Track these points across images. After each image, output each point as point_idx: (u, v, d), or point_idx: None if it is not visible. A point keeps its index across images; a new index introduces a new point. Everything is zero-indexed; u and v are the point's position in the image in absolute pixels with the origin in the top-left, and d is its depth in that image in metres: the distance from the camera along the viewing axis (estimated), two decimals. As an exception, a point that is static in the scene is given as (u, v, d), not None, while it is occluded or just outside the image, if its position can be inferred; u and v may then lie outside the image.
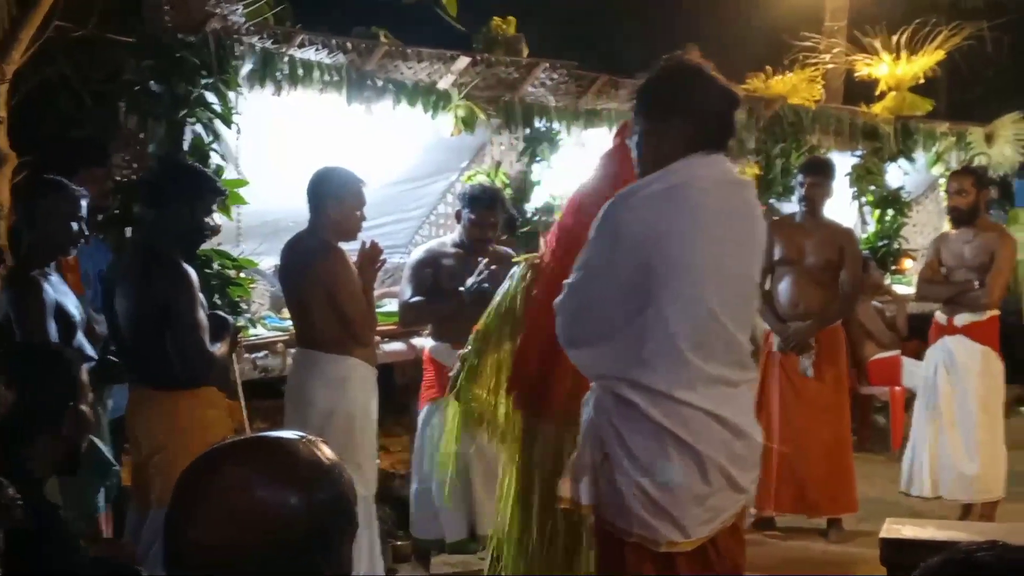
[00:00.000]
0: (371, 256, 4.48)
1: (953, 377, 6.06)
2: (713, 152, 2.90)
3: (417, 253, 5.35)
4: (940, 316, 6.20)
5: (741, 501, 2.98)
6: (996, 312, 6.12)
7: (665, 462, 2.83)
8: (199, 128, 4.78)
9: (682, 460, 2.82)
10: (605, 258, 2.89)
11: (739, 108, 3.05)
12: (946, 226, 9.64)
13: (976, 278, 5.99)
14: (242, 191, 4.94)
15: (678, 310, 2.79)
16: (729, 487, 2.89)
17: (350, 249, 4.48)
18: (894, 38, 8.96)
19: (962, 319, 6.05)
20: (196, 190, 3.91)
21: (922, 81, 9.08)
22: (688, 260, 2.80)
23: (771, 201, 7.72)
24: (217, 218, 4.23)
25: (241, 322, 4.92)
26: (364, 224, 6.12)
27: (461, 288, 4.99)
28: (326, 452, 1.46)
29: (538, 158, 6.45)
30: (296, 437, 1.46)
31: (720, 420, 2.86)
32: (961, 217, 6.07)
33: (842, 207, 8.70)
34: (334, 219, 4.36)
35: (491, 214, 5.16)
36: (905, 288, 9.13)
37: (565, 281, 3.03)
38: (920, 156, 9.26)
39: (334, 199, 4.36)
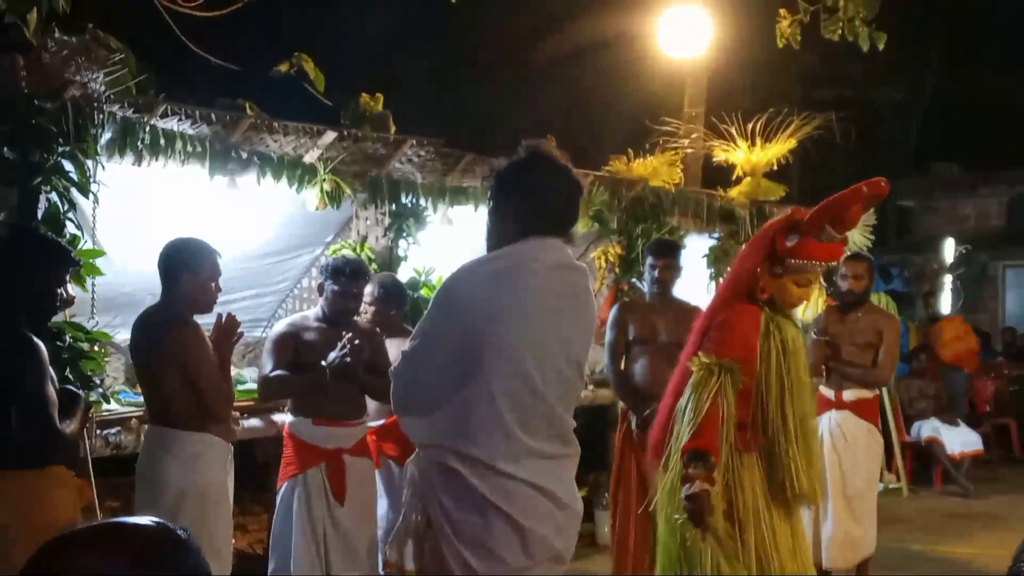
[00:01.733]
0: (227, 329, 4.40)
1: (840, 449, 6.21)
2: (551, 236, 3.06)
3: (279, 326, 5.26)
4: (826, 391, 6.34)
5: (562, 568, 3.07)
6: (878, 391, 6.36)
7: (488, 534, 2.91)
8: (54, 196, 4.64)
9: (505, 533, 2.91)
10: (438, 330, 3.03)
11: (579, 197, 3.18)
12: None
13: (861, 357, 6.21)
14: (98, 262, 4.80)
15: (503, 385, 2.92)
16: (552, 559, 3.00)
17: (205, 323, 4.38)
18: (749, 126, 9.28)
19: (850, 395, 6.24)
20: (49, 260, 3.79)
21: (775, 168, 9.40)
22: (514, 339, 2.94)
23: (633, 280, 7.86)
24: (71, 289, 4.09)
25: (93, 397, 4.75)
26: (227, 297, 6.06)
27: (323, 362, 4.93)
28: (183, 539, 1.41)
29: (404, 234, 6.46)
30: (150, 523, 1.41)
31: (544, 492, 2.96)
32: (855, 301, 6.27)
33: (700, 288, 8.93)
34: (187, 292, 4.27)
35: (355, 285, 5.14)
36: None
37: (401, 349, 3.16)
38: (774, 239, 9.55)
39: (188, 271, 4.27)
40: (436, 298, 3.10)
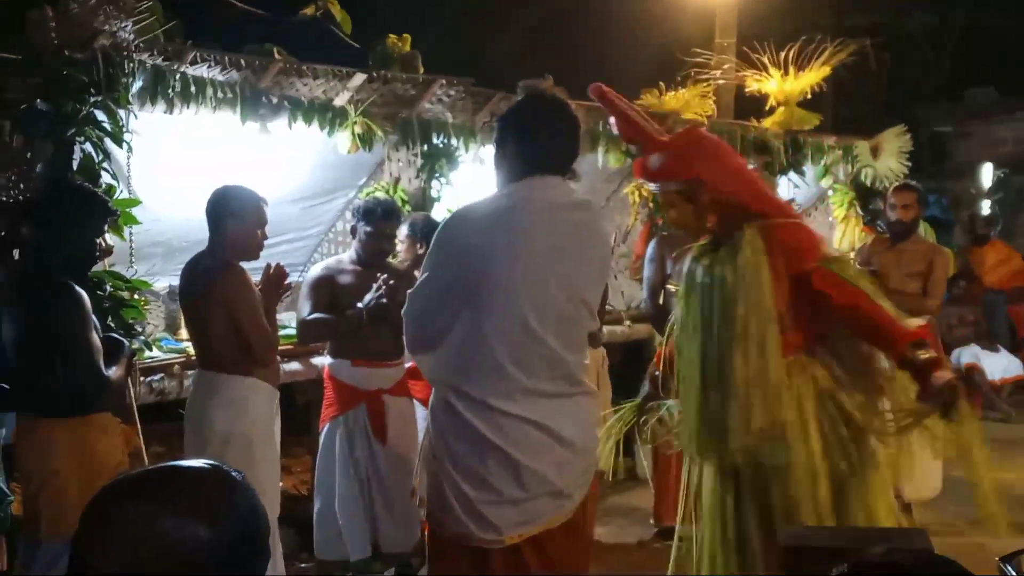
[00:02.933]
0: (276, 279, 4.43)
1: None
2: (550, 175, 3.10)
3: (315, 270, 5.29)
4: None
5: (567, 505, 3.12)
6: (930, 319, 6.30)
7: (481, 466, 3.01)
8: (88, 147, 4.65)
9: (498, 465, 3.01)
10: (436, 271, 3.10)
11: (577, 133, 3.22)
12: (837, 236, 9.97)
13: (911, 286, 6.12)
14: (135, 211, 4.82)
15: (496, 325, 2.98)
16: (550, 493, 3.06)
17: (252, 269, 4.41)
18: (782, 55, 9.16)
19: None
20: (86, 211, 3.82)
21: (809, 97, 9.29)
22: (507, 280, 2.98)
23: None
24: (109, 239, 4.13)
25: (136, 344, 4.80)
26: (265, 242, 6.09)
27: (360, 304, 4.95)
28: (237, 480, 1.42)
29: (437, 174, 6.43)
30: (207, 466, 1.43)
31: (541, 428, 3.03)
32: (903, 231, 6.19)
33: (736, 220, 8.88)
34: (234, 239, 4.30)
35: (387, 225, 5.15)
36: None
37: (408, 291, 3.24)
38: (809, 169, 9.48)
39: (234, 218, 4.30)
40: (435, 238, 3.16)
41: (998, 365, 10.20)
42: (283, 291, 4.49)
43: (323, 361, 5.35)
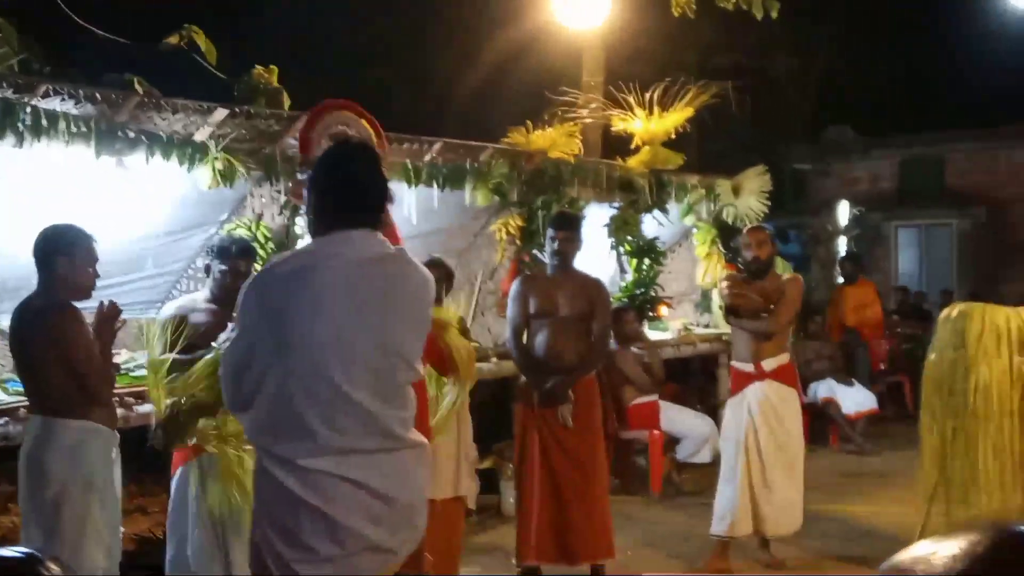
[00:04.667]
0: (109, 316, 4.33)
1: (772, 420, 6.28)
2: (357, 228, 3.06)
3: (167, 309, 5.18)
4: (742, 365, 6.39)
5: (389, 561, 3.10)
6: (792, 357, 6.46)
7: (296, 525, 2.97)
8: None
9: (312, 523, 2.96)
10: (243, 331, 3.05)
11: (381, 181, 3.17)
12: (700, 273, 10.19)
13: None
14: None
15: (302, 385, 2.94)
16: (369, 549, 3.03)
17: (86, 309, 4.30)
18: (647, 95, 9.34)
19: (769, 364, 6.30)
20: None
21: (673, 136, 9.49)
22: (309, 338, 2.95)
23: (534, 252, 7.89)
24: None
25: (-23, 387, 4.62)
26: (120, 279, 5.95)
27: (213, 344, 4.86)
28: (54, 571, 1.37)
29: (300, 211, 6.36)
30: (22, 555, 1.37)
31: (357, 484, 2.99)
32: (761, 268, 6.35)
33: (601, 256, 9.00)
34: (64, 276, 4.21)
35: (242, 263, 5.09)
36: (661, 334, 9.50)
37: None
38: (673, 207, 9.68)
39: (64, 255, 4.20)
40: (241, 296, 3.09)
41: (853, 399, 10.53)
42: (118, 327, 4.39)
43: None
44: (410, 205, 6.86)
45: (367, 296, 3.04)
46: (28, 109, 4.84)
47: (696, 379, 10.99)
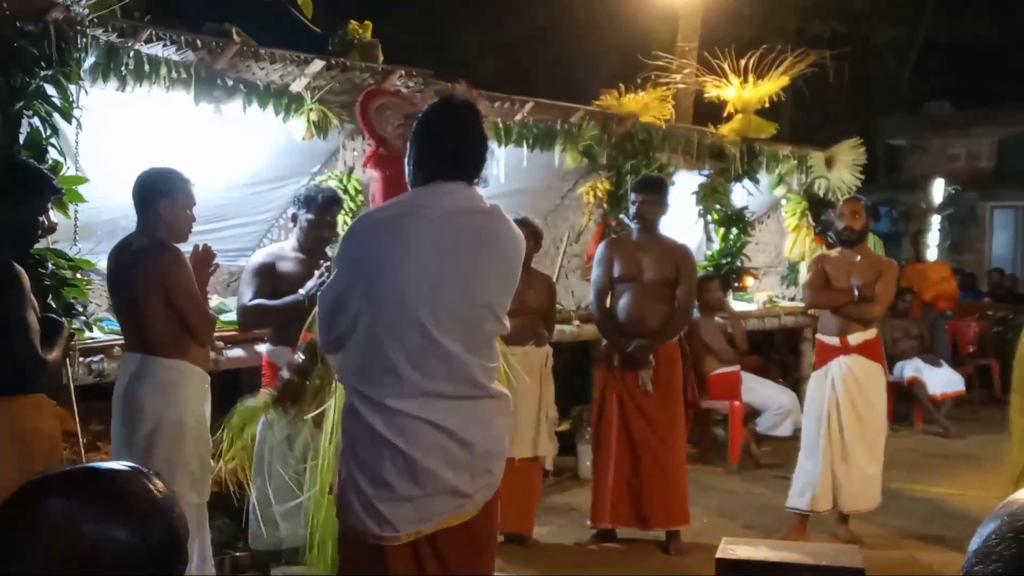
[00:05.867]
0: (204, 258, 4.39)
1: (854, 393, 6.22)
2: (454, 181, 3.16)
3: (256, 256, 5.29)
4: (828, 338, 6.33)
5: (466, 505, 3.18)
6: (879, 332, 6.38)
7: (378, 463, 3.08)
8: (36, 121, 4.58)
9: (393, 463, 3.07)
10: (338, 276, 3.19)
11: (482, 140, 3.25)
12: (788, 246, 10.05)
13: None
14: (81, 188, 4.75)
15: (391, 329, 3.05)
16: (447, 492, 3.12)
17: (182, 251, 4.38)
18: (742, 62, 9.21)
19: (856, 338, 6.23)
20: (30, 187, 3.76)
21: (767, 105, 9.35)
22: (399, 284, 3.05)
23: (621, 216, 7.84)
24: (53, 216, 4.06)
25: (76, 325, 4.74)
26: (212, 226, 6.05)
27: (302, 291, 4.94)
28: (158, 484, 1.41)
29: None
30: (127, 468, 1.41)
31: (439, 428, 3.09)
32: (852, 239, 6.27)
33: (688, 224, 8.92)
34: (165, 218, 4.27)
35: (328, 213, 5.17)
36: (745, 305, 9.41)
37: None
38: (764, 177, 9.55)
39: (165, 197, 4.26)
40: (339, 243, 3.25)
41: (939, 380, 10.34)
42: (212, 271, 4.46)
43: (266, 348, 5.31)
44: (499, 164, 6.84)
45: (457, 246, 3.12)
46: (131, 53, 4.91)
47: (779, 352, 10.87)
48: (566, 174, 8.02)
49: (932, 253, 14.87)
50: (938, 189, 15.61)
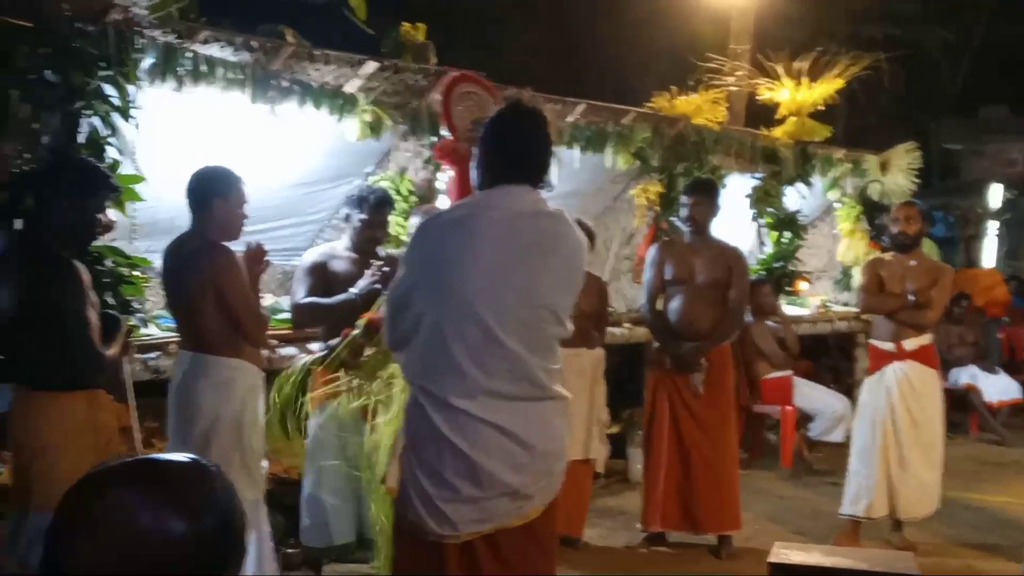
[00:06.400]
0: (256, 256, 4.42)
1: (909, 399, 6.14)
2: (519, 184, 3.20)
3: (309, 255, 5.32)
4: (883, 343, 6.24)
5: (526, 507, 3.19)
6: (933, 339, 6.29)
7: (440, 463, 3.11)
8: (96, 121, 4.64)
9: (455, 463, 3.09)
10: (404, 274, 3.24)
11: (547, 144, 3.30)
12: (841, 250, 9.94)
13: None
14: (138, 187, 4.81)
15: (455, 328, 3.09)
16: (508, 493, 3.13)
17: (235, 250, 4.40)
18: (796, 64, 9.13)
19: (910, 344, 6.15)
20: (89, 186, 3.81)
21: (821, 107, 9.27)
22: (463, 284, 3.09)
23: (672, 219, 7.80)
24: (111, 214, 4.11)
25: (133, 322, 4.79)
26: (265, 225, 6.09)
27: (354, 289, 4.97)
28: (216, 476, 1.41)
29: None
30: (186, 460, 1.42)
31: (500, 429, 3.10)
32: (907, 244, 6.19)
33: (741, 227, 8.86)
34: (219, 217, 4.29)
35: (380, 214, 5.20)
36: (798, 309, 9.32)
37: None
38: (817, 181, 9.47)
39: (219, 197, 4.29)
40: (408, 243, 3.34)
41: (995, 387, 10.18)
42: (263, 268, 4.49)
43: (319, 347, 5.33)
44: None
45: (520, 248, 3.15)
46: (188, 54, 4.96)
47: (832, 357, 10.76)
48: (617, 176, 7.99)
49: (988, 259, 14.65)
50: (995, 194, 15.39)
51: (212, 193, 4.28)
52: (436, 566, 3.15)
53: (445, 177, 6.39)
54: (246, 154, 5.39)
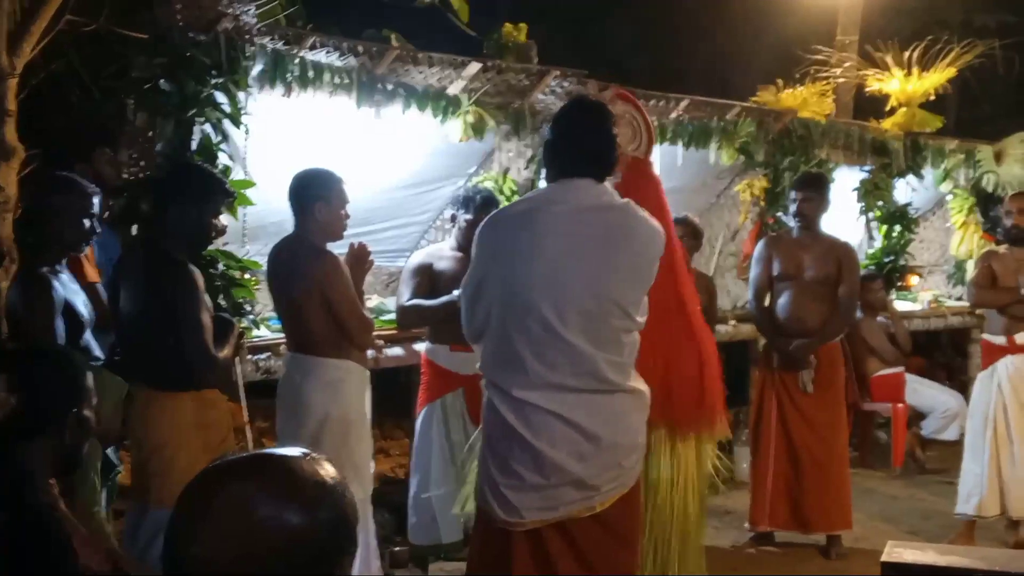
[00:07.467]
0: (359, 257, 4.47)
1: (1021, 394, 5.97)
2: (583, 178, 3.26)
3: (415, 257, 5.38)
4: (995, 338, 6.09)
5: (593, 498, 3.24)
6: None
7: (508, 452, 3.20)
8: (208, 127, 4.77)
9: (521, 452, 3.18)
10: (473, 270, 3.33)
11: (611, 139, 3.33)
12: (954, 243, 9.69)
13: None
14: (248, 192, 4.92)
15: (518, 322, 3.16)
16: (572, 483, 3.19)
17: (338, 252, 4.47)
18: (905, 54, 8.92)
19: (1022, 338, 6.00)
20: (204, 191, 3.91)
21: (932, 98, 9.03)
22: (525, 277, 3.15)
23: (778, 214, 7.70)
24: (223, 219, 4.22)
25: (245, 324, 4.91)
26: (370, 227, 6.19)
27: (457, 291, 5.00)
28: (329, 470, 1.45)
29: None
30: (300, 454, 1.45)
31: (565, 420, 3.16)
32: (1021, 236, 6.04)
33: (850, 222, 8.69)
34: (321, 221, 4.34)
35: (485, 214, 5.19)
36: (908, 305, 9.11)
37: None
38: (928, 173, 9.24)
39: (322, 200, 4.34)
40: (475, 239, 3.38)
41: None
42: (367, 268, 4.54)
43: (424, 347, 5.40)
44: (654, 162, 6.80)
45: (583, 242, 3.19)
46: (296, 60, 5.06)
47: (945, 353, 10.48)
48: (721, 172, 7.91)
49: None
50: (1116, 184, 14.81)
51: (313, 197, 4.35)
52: (503, 551, 3.24)
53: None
54: (352, 157, 5.48)
